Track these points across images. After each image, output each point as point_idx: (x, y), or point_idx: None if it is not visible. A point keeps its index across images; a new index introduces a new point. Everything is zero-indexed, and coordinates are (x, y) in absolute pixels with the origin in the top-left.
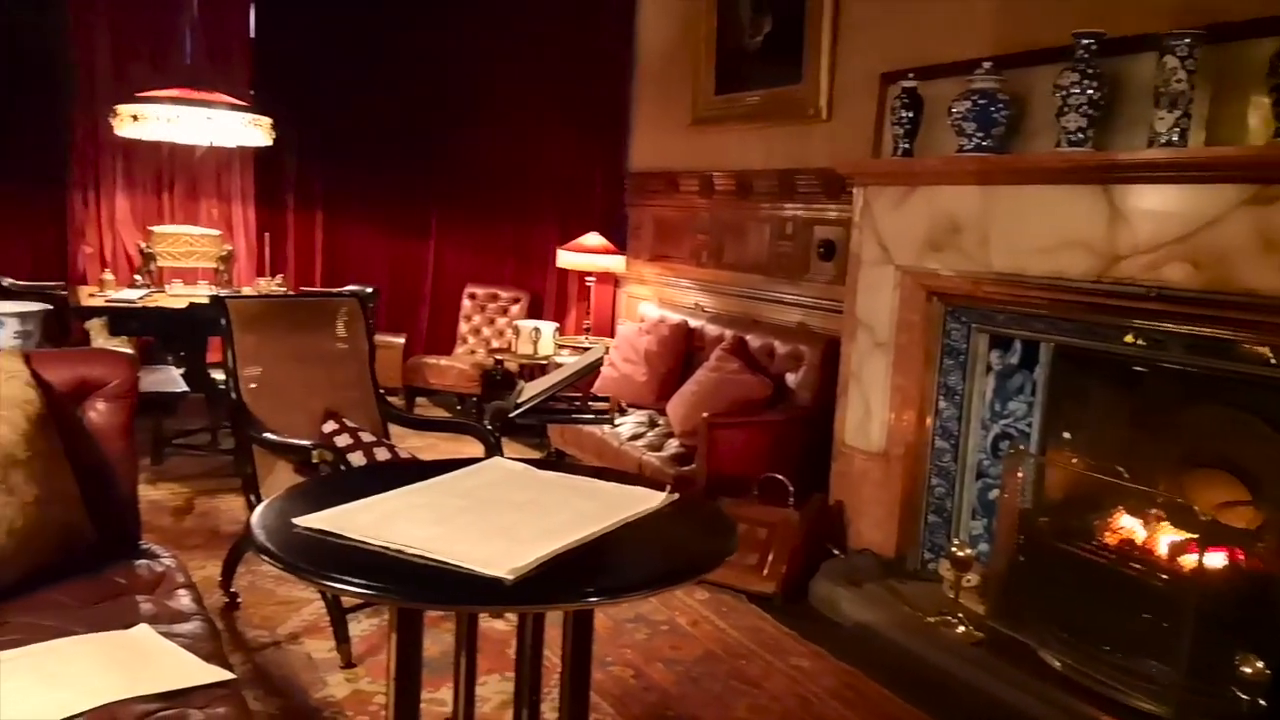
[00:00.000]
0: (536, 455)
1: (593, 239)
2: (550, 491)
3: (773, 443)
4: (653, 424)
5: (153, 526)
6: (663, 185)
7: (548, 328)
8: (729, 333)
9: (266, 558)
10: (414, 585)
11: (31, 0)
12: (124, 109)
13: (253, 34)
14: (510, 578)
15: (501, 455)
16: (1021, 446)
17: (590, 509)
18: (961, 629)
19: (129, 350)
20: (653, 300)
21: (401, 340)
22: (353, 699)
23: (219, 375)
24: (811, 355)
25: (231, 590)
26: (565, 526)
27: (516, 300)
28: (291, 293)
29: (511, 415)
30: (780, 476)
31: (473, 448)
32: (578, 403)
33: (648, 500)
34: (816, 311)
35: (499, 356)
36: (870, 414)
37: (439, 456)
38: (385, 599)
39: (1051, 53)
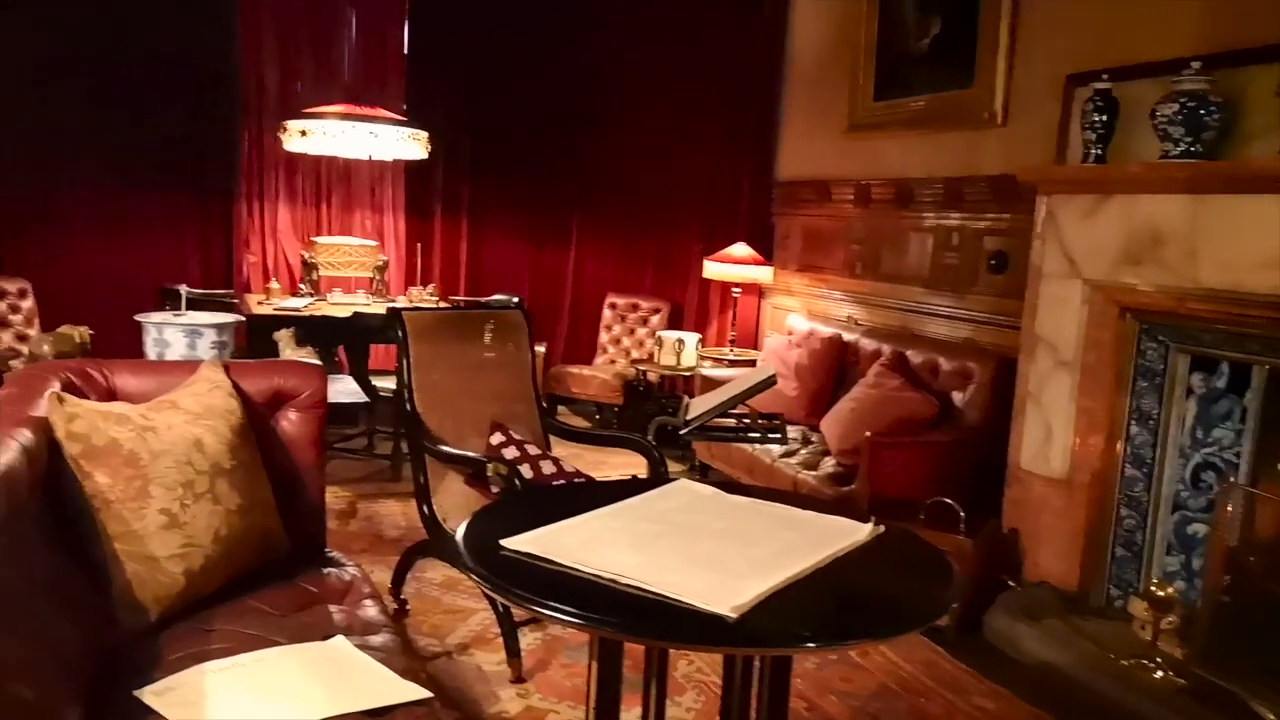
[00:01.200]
0: (681, 468)
1: (740, 249)
2: (748, 519)
3: (939, 465)
4: (805, 441)
5: None
6: (814, 194)
7: (691, 339)
8: (887, 348)
9: (479, 581)
10: (634, 618)
11: (207, 24)
12: (293, 124)
13: (406, 50)
14: (733, 615)
15: (665, 471)
16: (1232, 479)
17: (795, 540)
18: (1160, 674)
19: (318, 361)
20: (801, 312)
21: (542, 349)
22: (526, 716)
23: (377, 382)
24: (981, 373)
25: (401, 597)
26: (775, 559)
27: (657, 310)
28: (444, 303)
29: (681, 433)
30: (949, 501)
31: (619, 459)
32: (745, 420)
33: (853, 533)
34: (986, 326)
35: (641, 367)
36: (1051, 437)
37: (586, 467)
38: (607, 632)
39: (1268, 51)
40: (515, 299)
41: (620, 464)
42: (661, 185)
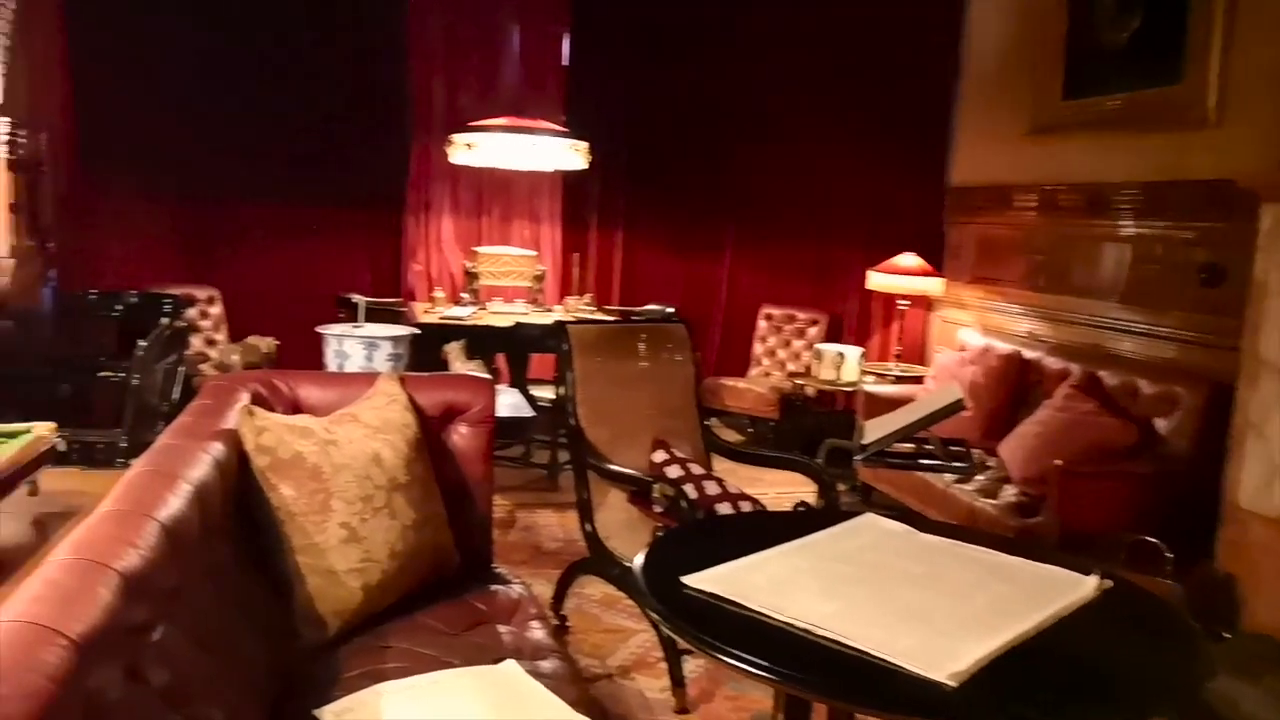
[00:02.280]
0: (841, 488)
1: (907, 259)
2: (948, 564)
3: (1140, 498)
4: (982, 466)
5: None
6: (991, 201)
7: (852, 352)
8: (1076, 367)
9: (663, 622)
10: (833, 677)
11: (379, 44)
12: (459, 138)
13: (566, 62)
14: (952, 684)
15: (838, 498)
16: None
17: (1009, 594)
18: None
19: (488, 375)
20: (975, 327)
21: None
22: None
23: (535, 392)
24: (1190, 398)
25: (561, 614)
26: (989, 617)
27: (815, 322)
28: (601, 313)
29: (858, 459)
30: (1154, 540)
31: (776, 476)
32: (926, 446)
33: (1075, 588)
34: (1193, 346)
35: (798, 380)
36: (1277, 473)
37: (741, 484)
38: (805, 692)
39: None
40: (669, 309)
41: (777, 482)
42: (822, 192)
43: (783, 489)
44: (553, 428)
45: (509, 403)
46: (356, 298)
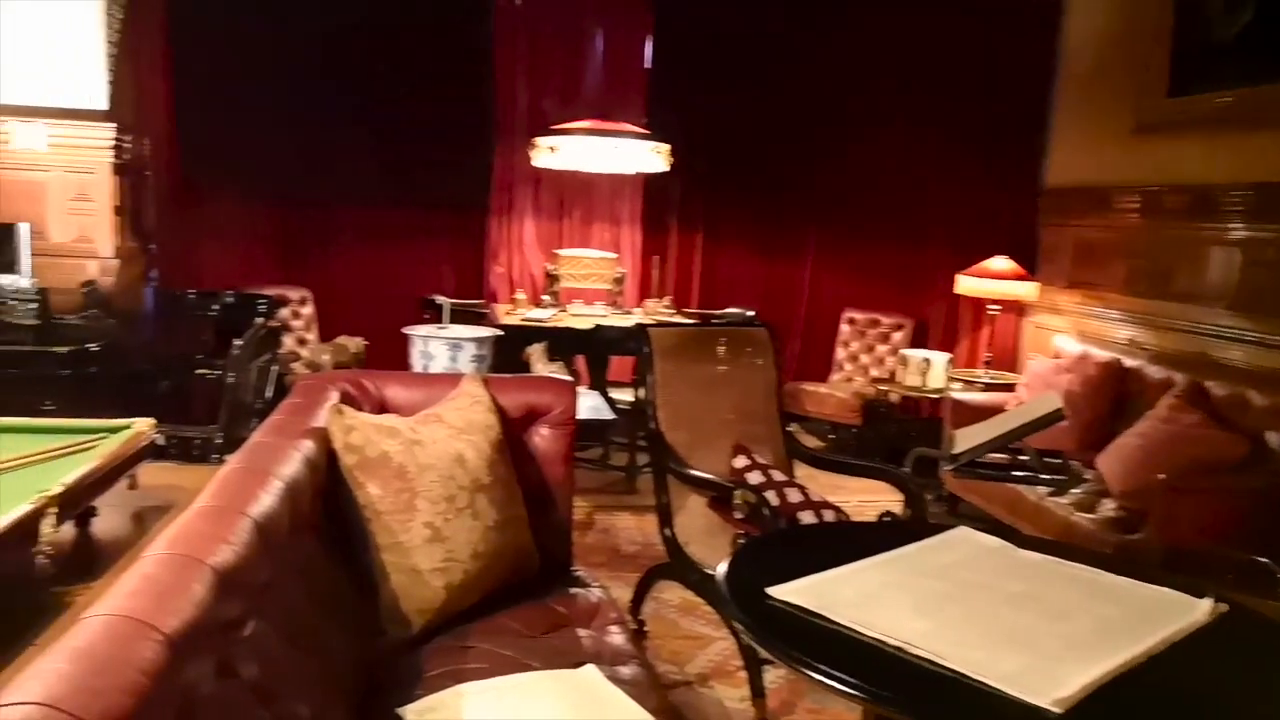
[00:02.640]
0: (926, 497)
1: (999, 263)
2: (1049, 583)
3: (1249, 515)
4: (1079, 478)
5: None
6: (1089, 203)
7: (939, 358)
8: (1180, 376)
9: (748, 633)
10: (928, 699)
11: (465, 49)
12: (542, 141)
13: (648, 65)
14: (1057, 710)
15: (925, 510)
16: None
17: (1114, 616)
18: None
19: (569, 377)
20: (1070, 333)
21: None
22: None
23: (614, 394)
24: None
25: (640, 618)
26: (1094, 640)
27: (899, 327)
28: (681, 316)
29: (948, 469)
30: (1266, 561)
31: (859, 484)
32: (1022, 458)
33: (1186, 611)
34: None
35: (882, 386)
36: None
37: (821, 491)
38: (897, 714)
39: None
40: (750, 313)
41: (859, 490)
42: (909, 194)
43: (865, 497)
44: (631, 430)
45: (589, 405)
46: (441, 299)
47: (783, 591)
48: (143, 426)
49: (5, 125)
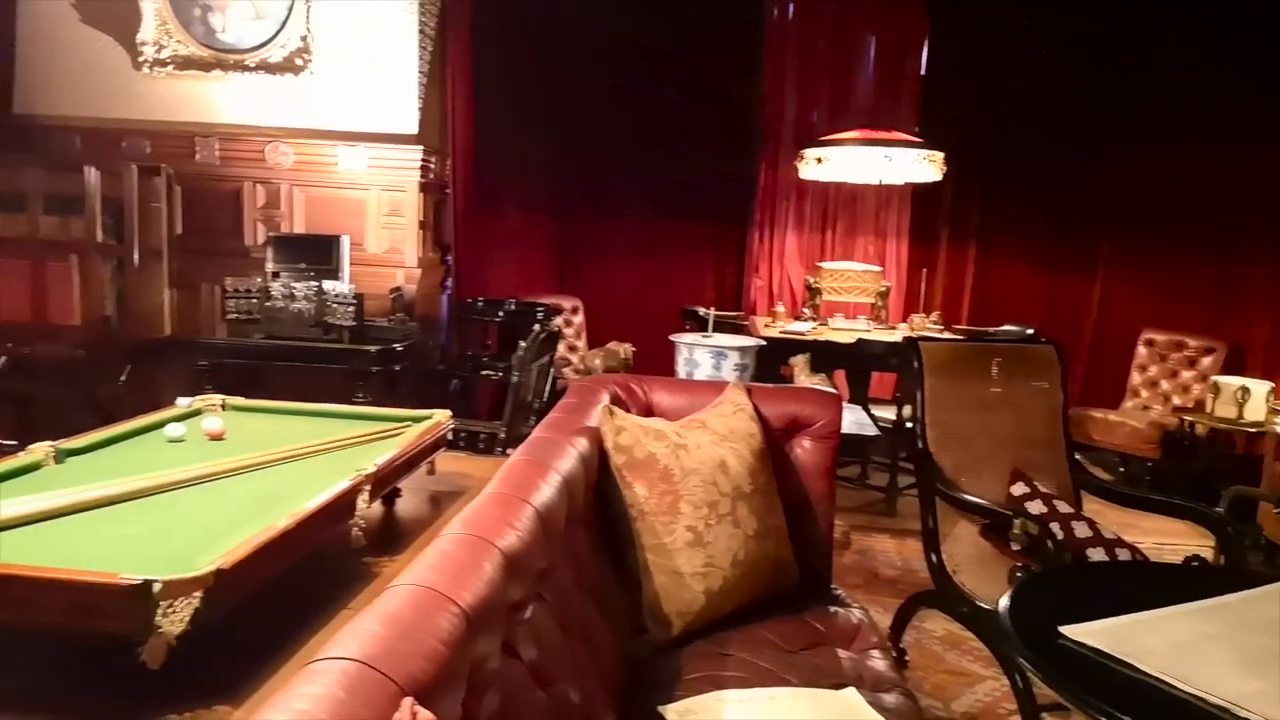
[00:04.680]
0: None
1: None
2: None
3: None
4: None
5: None
6: None
7: (1259, 388)
8: None
9: (1037, 674)
10: None
11: (736, 62)
12: (810, 152)
13: (923, 71)
14: None
15: (1242, 556)
16: None
17: None
18: None
19: (833, 389)
20: None
21: None
22: None
23: (875, 411)
24: None
25: (900, 646)
26: None
27: (1209, 351)
28: (949, 333)
29: (1276, 512)
30: None
31: (1154, 524)
32: None
33: None
34: None
35: (1186, 417)
36: None
37: (1112, 529)
38: None
39: None
40: (1029, 330)
41: (1154, 530)
42: (1223, 201)
43: (1161, 539)
44: (892, 450)
45: (852, 420)
46: (704, 310)
47: (1079, 632)
48: (441, 417)
49: (335, 150)
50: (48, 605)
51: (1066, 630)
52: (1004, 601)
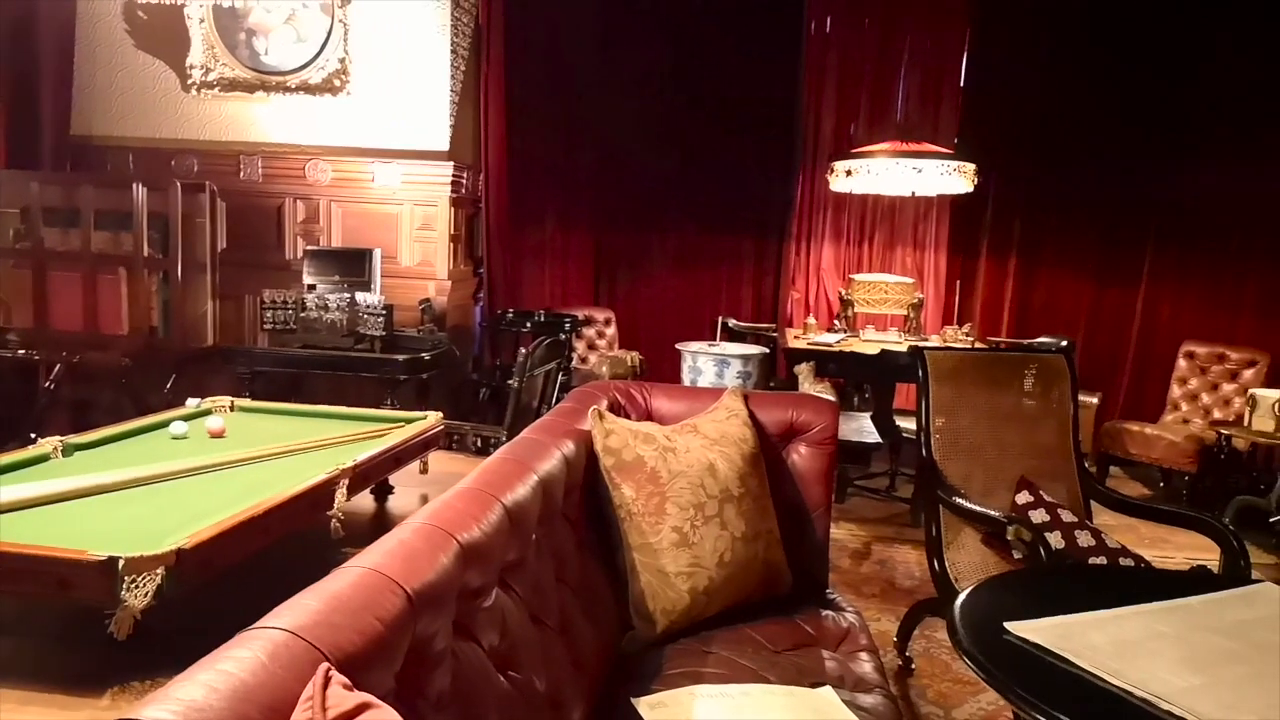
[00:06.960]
0: (1270, 560)
1: None
2: None
3: None
4: None
5: (831, 566)
6: None
7: None
8: None
9: (971, 665)
10: None
11: (774, 75)
12: (839, 165)
13: (962, 83)
14: None
15: (1246, 565)
16: None
17: None
18: None
19: (832, 397)
20: None
21: (1095, 400)
22: None
23: (902, 422)
24: None
25: (906, 654)
26: None
27: (1251, 363)
28: (979, 344)
29: (1274, 520)
30: None
31: (1185, 540)
32: None
33: None
34: None
35: (1224, 431)
36: None
37: (1140, 546)
38: None
39: None
40: (1064, 342)
41: (1186, 545)
42: (1269, 211)
43: (1193, 553)
44: (918, 461)
45: (854, 427)
46: (732, 321)
47: (1022, 627)
48: (433, 419)
49: (370, 166)
50: (31, 578)
51: (1011, 626)
52: (961, 597)
